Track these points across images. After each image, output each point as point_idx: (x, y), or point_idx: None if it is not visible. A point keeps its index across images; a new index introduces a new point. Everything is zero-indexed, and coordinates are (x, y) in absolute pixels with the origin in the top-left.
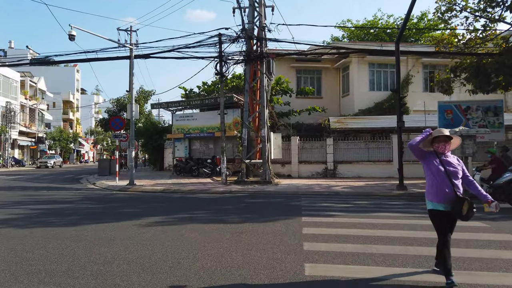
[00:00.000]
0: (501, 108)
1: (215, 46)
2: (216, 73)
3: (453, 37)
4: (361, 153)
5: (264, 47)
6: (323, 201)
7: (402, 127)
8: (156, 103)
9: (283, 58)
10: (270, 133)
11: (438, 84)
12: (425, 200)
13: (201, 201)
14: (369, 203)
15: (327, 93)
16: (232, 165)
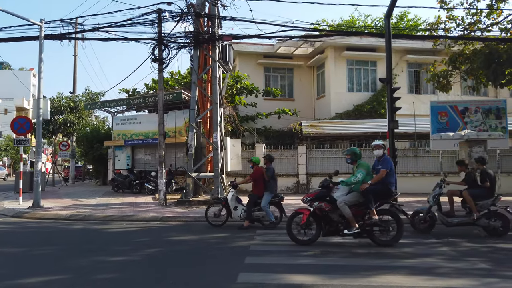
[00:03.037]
0: (504, 109)
1: (154, 26)
2: (153, 60)
3: (451, 21)
4: (339, 163)
5: (218, 27)
6: (285, 235)
7: (395, 128)
8: (91, 103)
9: (249, 54)
10: (227, 139)
11: (433, 79)
12: None
13: (100, 239)
14: (356, 240)
15: (300, 95)
16: (182, 179)
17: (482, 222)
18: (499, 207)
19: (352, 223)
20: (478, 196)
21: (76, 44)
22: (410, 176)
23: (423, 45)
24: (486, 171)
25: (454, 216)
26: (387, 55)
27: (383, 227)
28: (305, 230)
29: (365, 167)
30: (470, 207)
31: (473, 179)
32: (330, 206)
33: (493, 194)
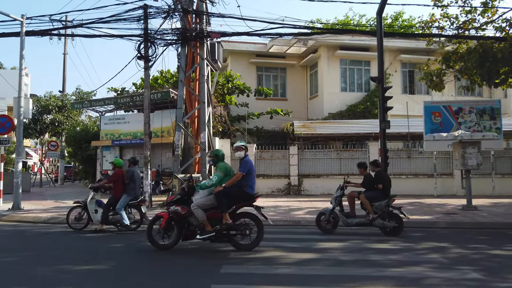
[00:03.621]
0: (499, 110)
1: (139, 22)
2: (139, 57)
3: (445, 19)
4: (331, 164)
5: (207, 24)
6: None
7: (386, 128)
8: (78, 102)
9: (241, 53)
10: (215, 139)
11: (426, 77)
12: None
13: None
14: (343, 246)
15: (293, 94)
16: (169, 180)
17: (378, 223)
18: (394, 207)
19: (206, 227)
20: (373, 198)
21: (66, 43)
22: (403, 178)
23: (417, 45)
24: (379, 174)
25: (354, 216)
26: (379, 54)
27: (241, 231)
28: (165, 234)
29: (223, 170)
30: (367, 209)
31: (370, 182)
32: (187, 210)
33: (388, 195)
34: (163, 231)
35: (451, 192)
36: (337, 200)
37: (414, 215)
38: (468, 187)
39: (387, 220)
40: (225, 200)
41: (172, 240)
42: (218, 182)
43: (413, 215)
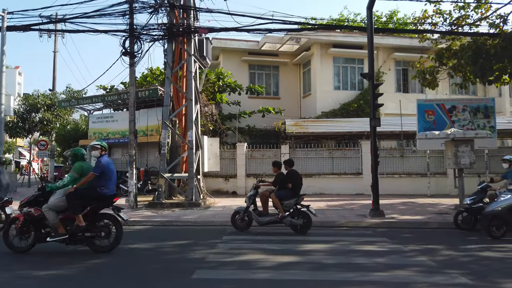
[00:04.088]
0: (493, 108)
1: (125, 17)
2: (124, 53)
3: (438, 15)
4: (324, 163)
5: (194, 20)
6: (250, 244)
7: (377, 126)
8: (65, 100)
9: (233, 51)
10: (203, 138)
11: (419, 75)
12: None
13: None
14: (328, 248)
15: (286, 93)
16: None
17: (287, 221)
18: (303, 206)
19: (59, 229)
20: (284, 197)
21: (56, 40)
22: (396, 177)
23: (411, 43)
24: (290, 173)
25: (265, 215)
26: (369, 50)
27: (96, 233)
28: (22, 236)
29: (78, 170)
30: (277, 207)
31: (281, 180)
32: (40, 211)
33: (297, 194)
34: (18, 233)
35: (445, 191)
36: (250, 199)
37: (405, 215)
38: (460, 187)
39: (296, 218)
40: (76, 201)
41: (29, 243)
42: (70, 183)
43: (404, 215)
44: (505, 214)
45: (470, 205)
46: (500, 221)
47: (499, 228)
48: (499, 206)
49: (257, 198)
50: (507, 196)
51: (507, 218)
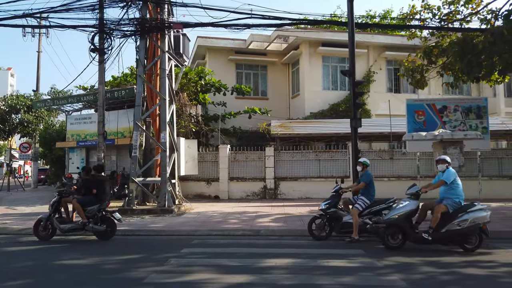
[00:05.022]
0: (485, 108)
1: (94, 12)
2: (92, 49)
3: (427, 11)
4: (310, 166)
5: (170, 15)
6: (208, 259)
7: (358, 126)
8: (40, 100)
9: (219, 50)
10: (180, 139)
11: (407, 74)
12: None
13: None
14: (292, 263)
15: (274, 93)
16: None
17: (89, 227)
18: (107, 211)
19: None
20: (86, 203)
21: (40, 40)
22: (385, 180)
23: (403, 42)
24: (94, 178)
25: (68, 222)
26: (350, 44)
27: None
28: None
29: None
30: (79, 213)
31: (86, 186)
32: None
33: (102, 200)
34: None
35: (435, 195)
36: (53, 206)
37: None
38: None
39: (99, 224)
40: None
41: None
42: None
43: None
44: (401, 222)
45: (325, 210)
46: (395, 230)
47: (394, 237)
48: (396, 214)
49: None
50: (405, 203)
51: (404, 227)
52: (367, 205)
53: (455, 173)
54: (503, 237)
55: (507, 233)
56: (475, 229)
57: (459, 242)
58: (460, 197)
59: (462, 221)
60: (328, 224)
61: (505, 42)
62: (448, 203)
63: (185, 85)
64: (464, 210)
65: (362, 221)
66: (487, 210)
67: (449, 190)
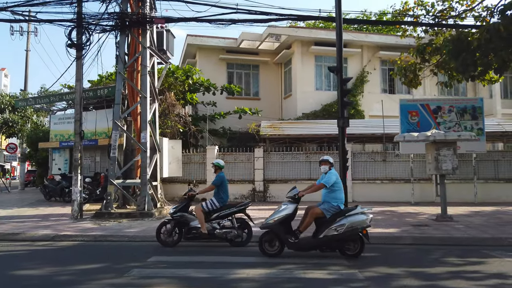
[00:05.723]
0: (481, 108)
1: (72, 6)
2: (69, 45)
3: (420, 7)
4: (300, 168)
5: (152, 10)
6: (173, 269)
7: (345, 126)
8: (22, 99)
9: (210, 49)
10: (163, 140)
11: (400, 73)
12: None
13: None
14: (266, 275)
15: (266, 94)
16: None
17: None
18: None
19: None
20: None
21: (29, 39)
22: (378, 183)
23: (397, 41)
24: None
25: None
26: (338, 40)
27: None
28: None
29: None
30: None
31: None
32: None
33: None
34: None
35: (430, 199)
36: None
37: (378, 227)
38: (442, 195)
39: None
40: None
41: None
42: None
43: (377, 227)
44: (276, 227)
45: (172, 214)
46: (273, 236)
47: (272, 244)
48: (272, 219)
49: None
50: (283, 207)
51: (278, 232)
52: (216, 208)
53: (337, 175)
54: (498, 244)
55: (503, 239)
56: (353, 234)
57: (338, 247)
58: (339, 201)
59: (340, 226)
60: (178, 229)
61: (501, 39)
62: (325, 207)
63: (172, 84)
64: (343, 214)
65: (210, 226)
66: (368, 214)
67: (329, 193)
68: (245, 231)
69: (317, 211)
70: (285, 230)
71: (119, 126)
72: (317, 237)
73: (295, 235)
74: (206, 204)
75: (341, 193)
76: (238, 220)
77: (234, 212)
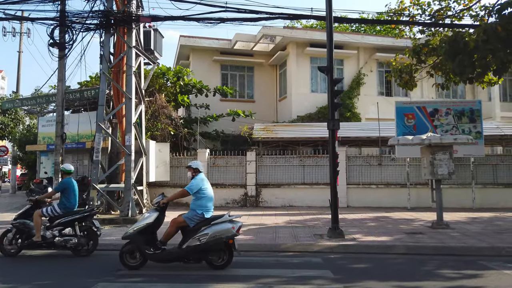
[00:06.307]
0: (479, 111)
1: (55, 4)
2: (51, 44)
3: (416, 7)
4: (294, 172)
5: (138, 8)
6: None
7: (336, 128)
8: (8, 101)
9: (203, 50)
10: (150, 143)
11: (395, 74)
12: None
13: None
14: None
15: (261, 96)
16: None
17: None
18: None
19: None
20: None
21: (21, 40)
22: (373, 188)
23: (394, 43)
24: None
25: None
26: (328, 37)
27: None
28: None
29: None
30: None
31: None
32: None
33: None
34: None
35: (427, 204)
36: None
37: (370, 235)
38: (438, 201)
39: None
40: None
41: None
42: None
43: (369, 235)
44: (136, 238)
45: (12, 221)
46: (133, 246)
47: (133, 255)
48: (133, 228)
49: None
50: (146, 215)
51: (138, 243)
52: (57, 215)
53: (202, 181)
54: (495, 254)
55: (500, 249)
56: (217, 244)
57: (203, 259)
58: (204, 209)
59: (203, 235)
60: (20, 237)
61: (499, 40)
62: (188, 215)
63: (162, 85)
64: (208, 223)
65: (51, 233)
66: (236, 222)
67: (195, 201)
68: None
69: (179, 219)
70: (146, 241)
71: (102, 128)
72: (181, 248)
73: (156, 246)
74: (47, 210)
75: (208, 200)
76: (84, 228)
77: (76, 219)
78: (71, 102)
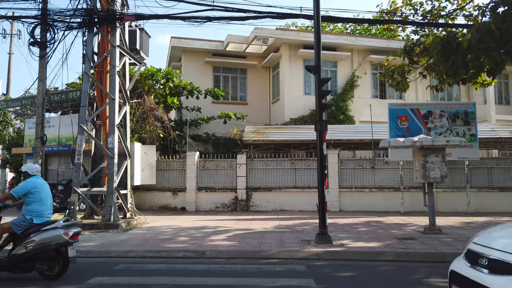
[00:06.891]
0: (474, 113)
1: (37, 1)
2: (32, 43)
3: (408, 7)
4: (285, 176)
5: (123, 6)
6: None
7: (323, 130)
8: None
9: (195, 52)
10: (134, 145)
11: (387, 75)
12: None
13: None
14: None
15: (254, 98)
16: None
17: None
18: None
19: None
20: None
21: (12, 41)
22: (366, 191)
23: (388, 45)
24: None
25: None
26: (316, 34)
27: None
28: None
29: None
30: None
31: None
32: None
33: None
34: None
35: (420, 208)
36: None
37: (359, 241)
38: (430, 205)
39: None
40: None
41: None
42: None
43: (358, 241)
44: None
45: None
46: None
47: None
48: None
49: None
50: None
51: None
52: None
53: (34, 184)
54: None
55: None
56: (46, 252)
57: (30, 268)
58: (34, 214)
59: (29, 242)
60: None
61: (493, 39)
62: (15, 221)
63: (151, 87)
64: (38, 230)
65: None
66: (71, 229)
67: (25, 206)
68: None
69: (4, 226)
70: None
71: (85, 130)
72: (8, 256)
73: None
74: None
75: (40, 205)
76: None
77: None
78: (59, 104)
